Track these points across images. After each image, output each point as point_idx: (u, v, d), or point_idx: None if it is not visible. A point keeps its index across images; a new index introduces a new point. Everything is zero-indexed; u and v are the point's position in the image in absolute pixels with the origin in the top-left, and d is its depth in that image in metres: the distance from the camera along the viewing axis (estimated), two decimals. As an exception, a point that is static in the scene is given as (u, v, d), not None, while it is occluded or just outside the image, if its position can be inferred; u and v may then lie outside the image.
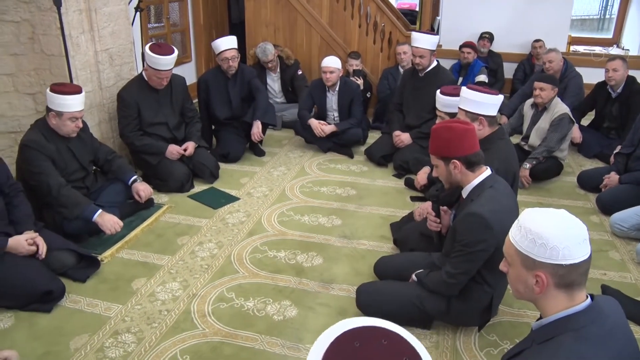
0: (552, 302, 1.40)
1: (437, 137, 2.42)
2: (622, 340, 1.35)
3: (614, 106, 4.88)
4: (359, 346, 0.96)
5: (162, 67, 3.92)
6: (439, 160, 2.44)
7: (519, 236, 1.42)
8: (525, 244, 1.39)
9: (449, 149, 2.37)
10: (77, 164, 3.38)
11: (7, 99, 3.66)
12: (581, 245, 1.36)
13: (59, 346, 2.45)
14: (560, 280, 1.37)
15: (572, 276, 1.36)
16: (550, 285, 1.38)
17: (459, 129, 2.36)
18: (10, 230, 2.80)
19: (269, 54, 5.56)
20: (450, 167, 2.39)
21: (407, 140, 4.63)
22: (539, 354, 1.37)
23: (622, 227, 3.48)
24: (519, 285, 1.47)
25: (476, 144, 2.40)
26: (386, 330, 0.99)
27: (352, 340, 0.97)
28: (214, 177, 4.32)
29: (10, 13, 3.48)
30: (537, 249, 1.37)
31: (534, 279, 1.40)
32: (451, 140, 2.36)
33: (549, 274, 1.37)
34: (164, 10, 6.13)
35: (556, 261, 1.35)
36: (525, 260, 1.40)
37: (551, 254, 1.35)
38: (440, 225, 2.70)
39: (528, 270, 1.41)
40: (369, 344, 0.96)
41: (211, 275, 3.03)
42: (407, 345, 0.97)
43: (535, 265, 1.38)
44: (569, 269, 1.35)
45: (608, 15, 9.15)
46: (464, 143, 2.35)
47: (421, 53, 4.47)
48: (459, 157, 2.35)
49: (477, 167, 2.39)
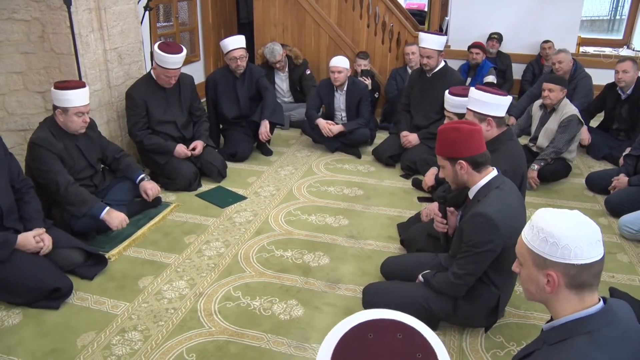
0: (563, 303, 1.40)
1: (444, 137, 2.42)
2: (634, 345, 1.33)
3: (624, 108, 4.84)
4: (372, 338, 0.94)
5: (170, 66, 3.93)
6: (445, 161, 2.44)
7: (531, 235, 1.41)
8: (537, 243, 1.39)
9: (455, 150, 2.37)
10: (85, 162, 3.39)
11: (17, 97, 3.69)
12: (594, 246, 1.35)
13: (66, 343, 2.46)
14: (571, 280, 1.36)
15: (583, 277, 1.35)
16: (561, 285, 1.37)
17: (466, 129, 2.36)
18: (20, 226, 2.83)
19: (277, 55, 5.57)
20: (456, 167, 2.39)
21: (415, 141, 4.62)
22: (550, 356, 1.36)
23: (630, 230, 3.46)
24: (531, 285, 1.46)
25: (483, 144, 2.39)
26: (403, 325, 0.98)
27: (367, 332, 0.96)
28: (221, 176, 4.33)
29: (20, 12, 3.50)
30: (549, 247, 1.36)
31: (545, 278, 1.39)
32: (457, 141, 2.36)
33: (560, 274, 1.36)
34: (172, 10, 6.15)
35: (568, 261, 1.34)
36: (537, 259, 1.40)
37: (563, 254, 1.34)
38: (447, 226, 2.70)
39: (539, 270, 1.40)
40: (384, 337, 0.95)
41: (218, 274, 3.04)
42: (422, 340, 0.94)
43: (547, 265, 1.38)
44: (580, 269, 1.34)
45: (618, 16, 9.08)
46: (470, 143, 2.35)
47: (428, 53, 4.46)
48: (466, 158, 2.35)
49: (484, 168, 2.39)
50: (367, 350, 0.92)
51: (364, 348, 0.93)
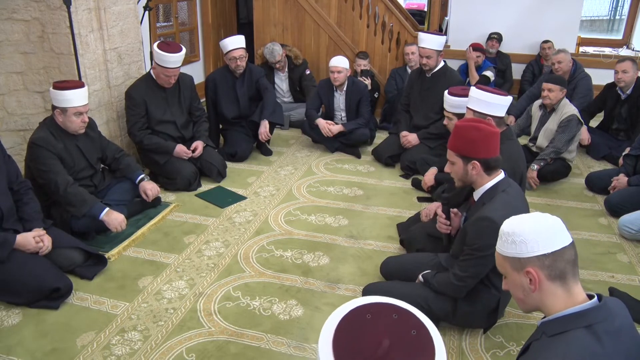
0: (552, 299, 1.43)
1: (462, 135, 2.36)
2: (628, 342, 1.36)
3: (623, 108, 4.84)
4: (370, 318, 1.05)
5: (170, 65, 3.93)
6: (458, 157, 2.39)
7: (501, 243, 1.51)
8: (507, 247, 1.48)
9: (472, 149, 2.33)
10: (85, 162, 3.39)
11: (17, 97, 3.69)
12: (558, 234, 1.43)
13: (66, 343, 2.46)
14: (550, 271, 1.42)
15: (559, 265, 1.41)
16: (543, 280, 1.43)
17: (487, 130, 2.32)
18: (19, 227, 2.83)
19: (276, 55, 5.57)
20: (468, 167, 2.36)
21: (415, 141, 4.62)
22: (551, 347, 1.38)
23: (630, 230, 3.46)
24: (518, 291, 1.51)
25: (497, 148, 2.35)
26: (398, 307, 1.08)
27: (365, 313, 1.06)
28: (221, 176, 4.33)
29: (20, 12, 3.50)
30: (518, 247, 1.44)
31: (526, 278, 1.45)
32: (477, 141, 2.31)
33: (537, 268, 1.43)
34: (172, 10, 6.15)
35: (538, 252, 1.42)
36: (513, 263, 1.48)
37: (532, 247, 1.42)
38: (450, 227, 2.69)
39: (519, 272, 1.47)
40: (380, 316, 1.06)
41: (217, 274, 3.04)
42: (416, 320, 1.05)
43: (523, 264, 1.45)
44: (553, 257, 1.41)
45: (618, 16, 9.08)
46: (488, 145, 2.31)
47: (428, 53, 4.46)
48: (480, 159, 2.32)
49: (494, 171, 2.37)
50: (366, 328, 1.03)
51: (363, 325, 1.04)
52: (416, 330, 1.02)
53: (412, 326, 1.03)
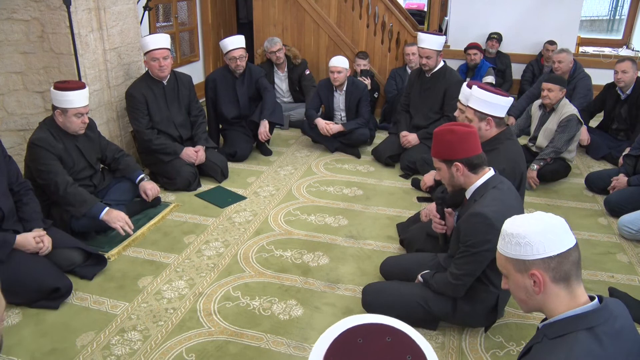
0: (555, 301, 1.42)
1: (439, 140, 2.41)
2: (629, 343, 1.35)
3: (623, 108, 4.84)
4: (362, 342, 0.96)
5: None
6: (441, 163, 2.43)
7: (504, 244, 1.48)
8: (512, 249, 1.44)
9: (451, 152, 2.37)
10: (84, 162, 3.39)
11: (17, 97, 3.69)
12: (564, 235, 1.41)
13: (66, 343, 2.46)
14: (555, 273, 1.40)
15: (564, 267, 1.39)
16: (547, 282, 1.41)
17: (461, 131, 2.36)
18: (19, 227, 2.83)
19: (276, 43, 5.56)
20: (452, 169, 2.39)
21: (414, 141, 4.62)
22: (552, 350, 1.37)
23: (630, 230, 3.46)
24: (521, 293, 1.49)
25: (478, 146, 2.39)
26: (391, 328, 1.00)
27: (356, 337, 0.97)
28: (224, 176, 4.34)
29: (20, 12, 3.50)
30: (523, 249, 1.41)
31: (530, 279, 1.42)
32: (453, 143, 2.35)
33: (542, 270, 1.40)
34: (172, 9, 6.15)
35: (544, 254, 1.39)
36: (517, 264, 1.45)
37: (538, 249, 1.40)
38: (445, 227, 2.70)
39: (523, 274, 1.44)
40: (373, 340, 0.96)
41: (217, 274, 3.04)
42: (411, 343, 0.96)
43: (527, 266, 1.42)
44: (559, 260, 1.39)
45: (618, 16, 9.08)
46: (466, 145, 2.34)
47: (427, 54, 4.46)
48: (461, 160, 2.35)
49: (480, 169, 2.38)
50: (357, 355, 0.94)
51: (353, 353, 0.95)
52: (411, 356, 0.93)
53: (407, 350, 0.94)
